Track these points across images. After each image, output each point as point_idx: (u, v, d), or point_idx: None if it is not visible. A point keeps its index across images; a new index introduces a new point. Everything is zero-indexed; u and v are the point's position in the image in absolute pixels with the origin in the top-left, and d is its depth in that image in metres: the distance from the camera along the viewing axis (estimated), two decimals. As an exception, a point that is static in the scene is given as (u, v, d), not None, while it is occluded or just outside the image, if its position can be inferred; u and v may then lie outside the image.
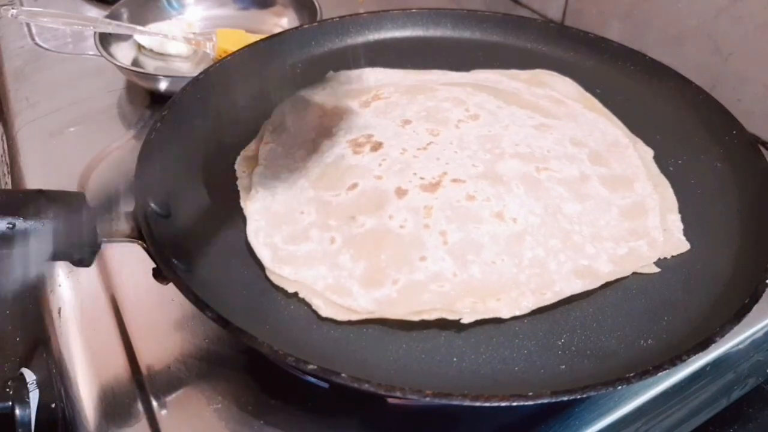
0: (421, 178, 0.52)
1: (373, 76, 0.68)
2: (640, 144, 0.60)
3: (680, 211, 0.53)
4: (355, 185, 0.52)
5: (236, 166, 0.57)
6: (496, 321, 0.45)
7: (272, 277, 0.47)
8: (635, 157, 0.57)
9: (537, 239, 0.49)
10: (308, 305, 0.46)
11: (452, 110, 0.60)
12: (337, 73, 0.68)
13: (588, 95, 0.66)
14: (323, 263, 0.47)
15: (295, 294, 0.46)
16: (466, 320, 0.44)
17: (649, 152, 0.59)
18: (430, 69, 0.69)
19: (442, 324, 0.44)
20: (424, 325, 0.44)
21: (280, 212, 0.52)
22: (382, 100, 0.62)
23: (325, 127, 0.60)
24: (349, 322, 0.44)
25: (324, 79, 0.68)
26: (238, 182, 0.55)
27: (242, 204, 0.53)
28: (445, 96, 0.62)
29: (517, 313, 0.45)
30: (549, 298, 0.46)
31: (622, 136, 0.60)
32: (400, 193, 0.51)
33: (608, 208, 0.52)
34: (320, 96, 0.65)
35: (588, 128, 0.60)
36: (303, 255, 0.48)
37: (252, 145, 0.59)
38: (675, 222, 0.52)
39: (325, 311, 0.45)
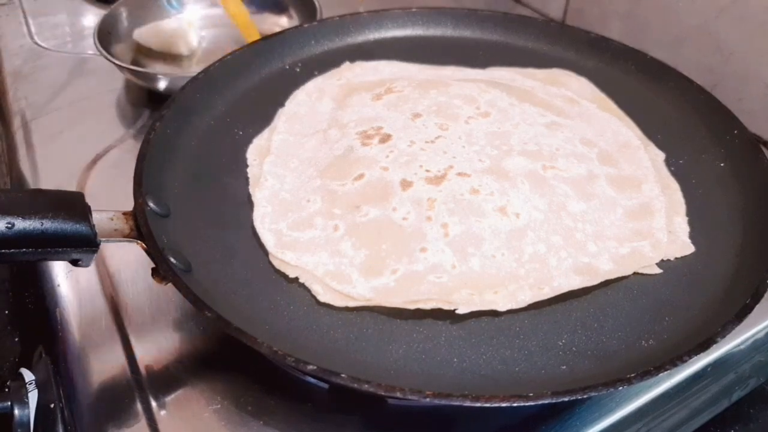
0: (427, 171, 0.53)
1: (388, 68, 0.69)
2: (652, 146, 0.59)
3: (681, 212, 0.53)
4: (361, 176, 0.53)
5: (248, 155, 0.58)
6: (498, 321, 0.45)
7: (274, 262, 0.48)
8: (646, 159, 0.57)
9: (539, 235, 0.49)
10: (308, 291, 0.46)
11: (463, 106, 0.60)
12: (352, 64, 0.68)
13: (603, 96, 0.65)
14: (325, 250, 0.48)
15: (296, 280, 0.47)
16: (461, 311, 0.44)
17: (660, 155, 0.59)
18: (445, 65, 0.69)
19: (441, 317, 0.44)
20: (422, 316, 0.44)
21: (287, 200, 0.52)
22: (394, 93, 0.63)
23: (336, 118, 0.60)
24: (347, 309, 0.45)
25: (339, 69, 0.68)
26: (249, 170, 0.56)
27: (251, 191, 0.54)
28: (457, 92, 0.62)
29: (514, 306, 0.45)
30: (546, 293, 0.46)
31: (635, 137, 0.60)
32: (405, 184, 0.51)
33: (614, 208, 0.52)
34: (334, 87, 0.65)
35: (600, 128, 0.60)
36: (306, 241, 0.49)
37: (265, 134, 0.60)
38: (681, 224, 0.52)
39: (323, 296, 0.45)
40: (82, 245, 0.42)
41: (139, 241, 0.44)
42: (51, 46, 0.88)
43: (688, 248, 0.50)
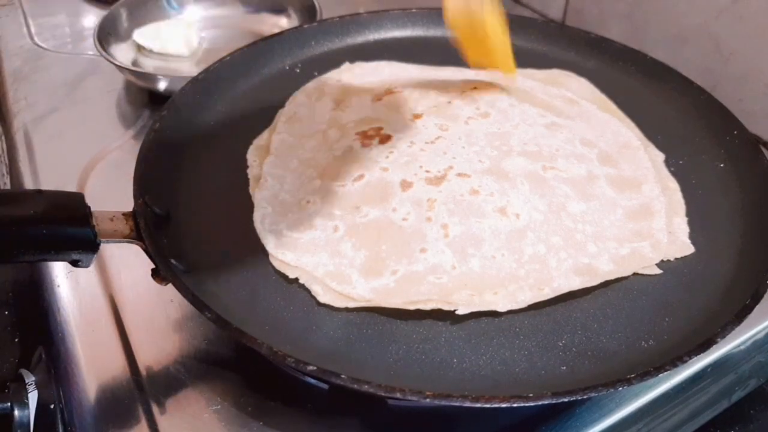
0: (427, 171, 0.53)
1: (388, 69, 0.69)
2: (652, 147, 0.59)
3: (682, 212, 0.53)
4: (361, 176, 0.53)
5: (248, 156, 0.58)
6: (498, 322, 0.45)
7: (274, 263, 0.48)
8: (645, 159, 0.57)
9: (539, 236, 0.49)
10: (308, 291, 0.46)
11: (463, 107, 0.60)
12: (352, 65, 0.68)
13: (603, 96, 0.65)
14: (325, 250, 0.48)
15: (296, 280, 0.47)
16: (461, 311, 0.44)
17: (660, 156, 0.58)
18: (445, 66, 0.69)
19: (441, 318, 0.44)
20: (422, 316, 0.44)
21: (287, 201, 0.53)
22: (394, 94, 0.63)
23: (336, 119, 0.60)
24: (347, 309, 0.45)
25: (339, 70, 0.68)
26: (249, 171, 0.56)
27: (251, 192, 0.54)
28: (457, 92, 0.62)
29: (514, 307, 0.45)
30: (546, 293, 0.46)
31: (634, 138, 0.60)
32: (405, 185, 0.52)
33: (614, 208, 0.52)
34: (334, 87, 0.65)
35: (600, 129, 0.60)
36: (306, 242, 0.49)
37: (265, 135, 0.60)
38: (681, 225, 0.52)
39: (323, 297, 0.46)
40: (82, 246, 0.42)
41: (139, 242, 0.44)
42: (51, 47, 0.88)
43: (688, 249, 0.50)
